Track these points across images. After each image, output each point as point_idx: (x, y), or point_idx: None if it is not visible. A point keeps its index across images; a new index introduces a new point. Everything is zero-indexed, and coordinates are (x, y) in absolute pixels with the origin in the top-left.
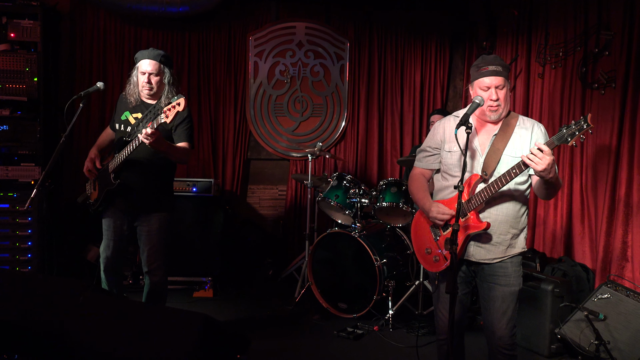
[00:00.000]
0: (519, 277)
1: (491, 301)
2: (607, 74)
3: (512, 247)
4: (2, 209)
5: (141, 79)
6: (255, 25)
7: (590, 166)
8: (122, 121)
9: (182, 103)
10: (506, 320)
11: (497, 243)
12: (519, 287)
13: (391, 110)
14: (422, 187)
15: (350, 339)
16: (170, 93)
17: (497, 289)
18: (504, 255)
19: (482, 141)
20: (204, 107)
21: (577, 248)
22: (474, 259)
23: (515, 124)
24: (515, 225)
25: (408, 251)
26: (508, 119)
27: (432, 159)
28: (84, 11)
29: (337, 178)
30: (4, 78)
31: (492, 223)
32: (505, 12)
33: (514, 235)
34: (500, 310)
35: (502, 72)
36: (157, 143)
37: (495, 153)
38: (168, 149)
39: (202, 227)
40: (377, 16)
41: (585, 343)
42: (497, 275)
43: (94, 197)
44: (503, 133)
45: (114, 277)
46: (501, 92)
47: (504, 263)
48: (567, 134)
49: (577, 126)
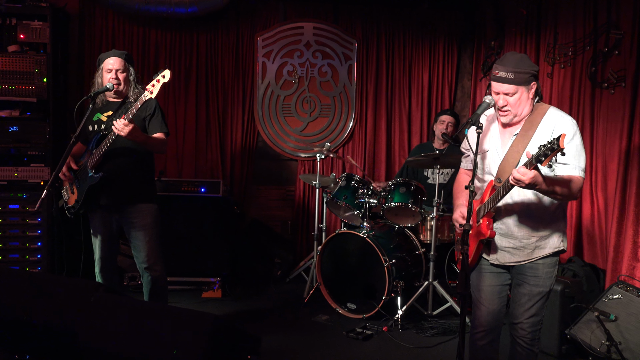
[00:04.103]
0: (550, 279)
1: (518, 296)
2: (616, 73)
3: (541, 249)
4: (12, 209)
5: (108, 76)
6: (263, 26)
7: (600, 166)
8: (94, 122)
9: (167, 75)
10: (529, 315)
11: (520, 247)
12: (549, 287)
13: (399, 110)
14: (460, 188)
15: (359, 339)
16: (136, 89)
17: (525, 287)
18: (531, 258)
19: (503, 141)
20: (212, 108)
21: (586, 248)
22: (499, 263)
23: (540, 121)
24: (541, 228)
25: (417, 251)
26: (533, 115)
27: (468, 159)
28: (93, 12)
29: (345, 178)
30: (13, 79)
31: (512, 228)
32: (514, 11)
33: (541, 238)
34: (526, 307)
35: (514, 79)
36: (133, 134)
37: (513, 156)
38: (144, 139)
39: (210, 227)
40: (385, 16)
41: (596, 344)
42: (526, 275)
43: (73, 200)
44: (524, 133)
45: (111, 276)
46: (510, 98)
47: (534, 264)
48: (541, 153)
49: (550, 146)
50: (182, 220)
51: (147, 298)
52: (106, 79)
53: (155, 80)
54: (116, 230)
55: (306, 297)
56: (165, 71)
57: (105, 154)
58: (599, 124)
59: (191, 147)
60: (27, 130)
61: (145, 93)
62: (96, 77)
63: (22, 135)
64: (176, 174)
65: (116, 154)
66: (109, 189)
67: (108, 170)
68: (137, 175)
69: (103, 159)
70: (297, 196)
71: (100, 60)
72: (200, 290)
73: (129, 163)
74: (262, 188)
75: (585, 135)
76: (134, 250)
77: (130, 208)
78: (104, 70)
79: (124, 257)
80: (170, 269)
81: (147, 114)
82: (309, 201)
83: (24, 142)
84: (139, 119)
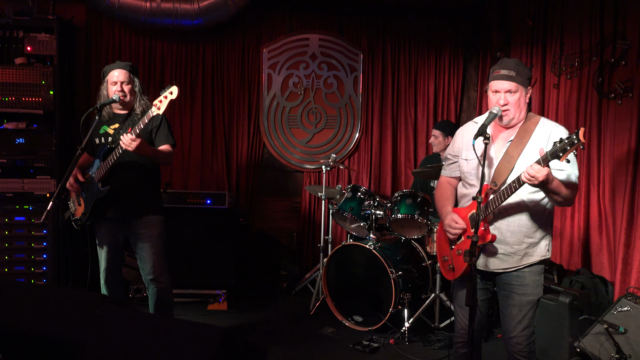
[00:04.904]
0: (537, 287)
1: (508, 308)
2: (623, 83)
3: (530, 256)
4: (18, 221)
5: (113, 89)
6: (268, 37)
7: (608, 177)
8: (101, 135)
9: (174, 91)
10: (522, 327)
11: (511, 253)
12: (537, 296)
13: (405, 121)
14: (444, 195)
15: (366, 352)
16: (142, 100)
17: (514, 297)
18: (519, 265)
19: (497, 148)
20: (218, 120)
21: (594, 260)
22: (488, 269)
23: (534, 129)
24: (532, 234)
25: (423, 263)
26: (527, 124)
27: (454, 167)
28: (99, 25)
29: (351, 190)
30: (20, 91)
31: (505, 233)
32: (520, 22)
33: (530, 245)
34: (517, 318)
35: (515, 77)
36: (141, 149)
37: (508, 161)
38: (152, 153)
39: (216, 239)
40: (391, 27)
41: (606, 357)
42: (513, 284)
43: (80, 212)
44: (519, 139)
45: (117, 288)
46: (511, 97)
47: (520, 272)
48: (560, 148)
49: (569, 141)
50: (187, 232)
51: (152, 310)
52: (111, 92)
53: (162, 96)
54: (122, 241)
55: (312, 309)
56: (173, 87)
57: (113, 167)
58: (606, 135)
59: (197, 159)
60: (34, 142)
61: (153, 109)
62: (101, 89)
63: (29, 147)
64: (182, 185)
65: (123, 167)
66: (116, 202)
67: (115, 183)
68: (144, 188)
69: (110, 172)
70: (303, 208)
71: (104, 72)
72: (206, 303)
73: (136, 176)
74: (268, 200)
75: (592, 146)
76: (140, 262)
77: (137, 220)
78: (109, 82)
79: (129, 269)
80: (175, 281)
81: (153, 126)
82: (314, 213)
83: (31, 154)
84: (145, 131)
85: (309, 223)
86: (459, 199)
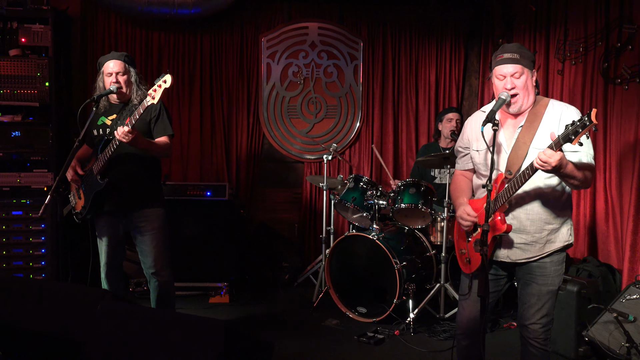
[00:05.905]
0: (558, 277)
1: (527, 297)
2: (630, 68)
3: (552, 243)
4: (16, 216)
5: (108, 80)
6: (267, 26)
7: (615, 164)
8: (99, 126)
9: (168, 80)
10: (540, 315)
11: (532, 242)
12: (557, 285)
13: (406, 110)
14: (459, 188)
15: (371, 343)
16: (139, 90)
17: (534, 287)
18: (542, 253)
19: (508, 135)
20: (217, 110)
21: (601, 248)
22: (510, 260)
23: (544, 112)
24: (552, 220)
25: (427, 253)
26: (536, 107)
27: (466, 159)
28: (95, 15)
29: (353, 180)
30: (15, 84)
31: (524, 222)
32: (523, 7)
33: (552, 231)
34: (536, 307)
35: (520, 59)
36: (135, 141)
37: (521, 148)
38: (148, 146)
39: (216, 231)
40: (391, 15)
41: (615, 345)
42: (534, 274)
43: (80, 206)
44: (529, 124)
45: (117, 282)
46: (518, 80)
47: (542, 262)
48: (572, 131)
49: (581, 123)
50: (187, 224)
51: (154, 304)
52: (107, 83)
53: (156, 85)
54: (122, 235)
55: (315, 301)
56: (166, 76)
57: (111, 159)
58: (612, 121)
59: (196, 150)
60: (30, 135)
61: (147, 99)
62: (98, 81)
63: (25, 141)
64: (181, 177)
65: (122, 159)
66: (116, 195)
67: (114, 175)
68: (144, 180)
69: (109, 165)
70: (304, 198)
71: (100, 63)
72: (208, 296)
73: (135, 168)
74: (269, 191)
75: (599, 132)
76: (141, 256)
77: (137, 213)
78: (105, 74)
79: (129, 262)
80: (176, 274)
81: (152, 117)
82: (316, 203)
83: (27, 147)
84: (144, 122)
85: (311, 214)
86: (475, 190)
